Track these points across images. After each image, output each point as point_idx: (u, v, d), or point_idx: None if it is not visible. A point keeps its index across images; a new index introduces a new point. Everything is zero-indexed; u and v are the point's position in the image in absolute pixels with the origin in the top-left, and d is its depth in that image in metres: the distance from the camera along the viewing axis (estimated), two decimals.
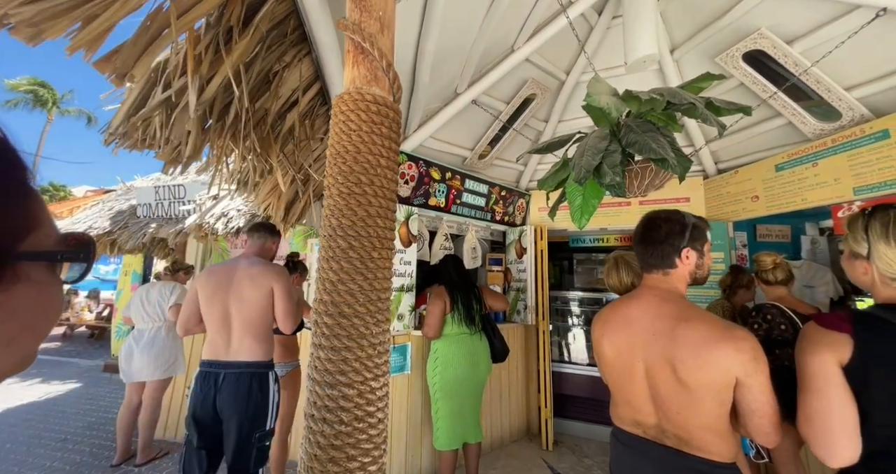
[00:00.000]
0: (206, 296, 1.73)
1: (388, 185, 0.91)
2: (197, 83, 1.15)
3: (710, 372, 0.87)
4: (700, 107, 1.56)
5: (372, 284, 0.85)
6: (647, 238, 1.07)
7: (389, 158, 0.92)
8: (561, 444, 3.09)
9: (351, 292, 0.82)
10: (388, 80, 0.95)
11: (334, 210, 0.86)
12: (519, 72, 2.68)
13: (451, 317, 2.33)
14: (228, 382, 1.65)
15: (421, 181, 2.82)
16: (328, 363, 0.79)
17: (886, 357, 0.77)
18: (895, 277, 0.82)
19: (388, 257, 0.90)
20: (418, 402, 2.61)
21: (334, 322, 0.81)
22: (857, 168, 2.11)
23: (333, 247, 0.85)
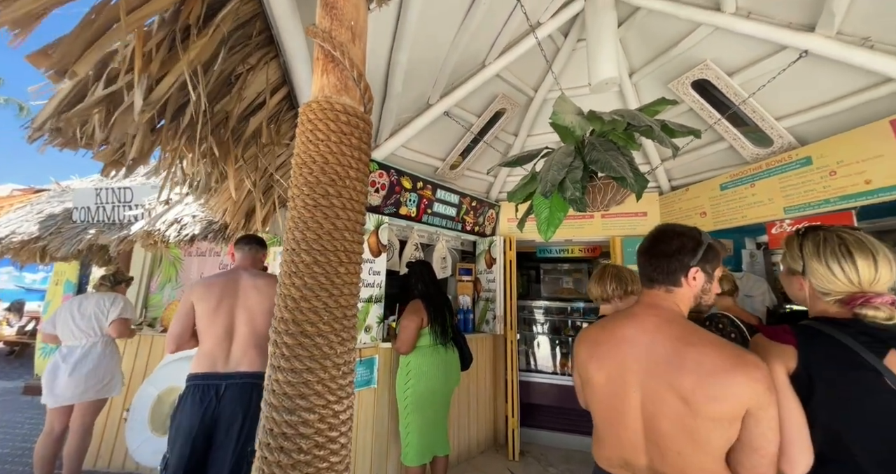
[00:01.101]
0: (209, 308, 1.68)
1: (357, 198, 0.88)
2: (145, 82, 1.06)
3: (723, 404, 0.76)
4: (656, 129, 1.67)
5: (338, 301, 0.81)
6: (656, 249, 0.95)
7: (359, 170, 0.89)
8: (527, 454, 3.11)
9: (315, 310, 0.77)
10: (359, 91, 0.93)
11: (298, 222, 0.81)
12: (490, 86, 2.74)
13: (428, 331, 2.29)
14: (232, 393, 1.61)
15: (392, 190, 2.79)
16: (287, 386, 0.74)
17: (822, 363, 0.82)
18: (826, 292, 0.90)
19: (355, 272, 0.86)
20: (385, 417, 2.53)
21: (295, 342, 0.76)
22: (786, 190, 2.35)
23: (297, 261, 0.80)
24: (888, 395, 0.74)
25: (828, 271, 0.88)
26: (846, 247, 0.87)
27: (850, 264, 0.85)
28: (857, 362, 0.77)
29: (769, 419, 0.77)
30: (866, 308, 0.81)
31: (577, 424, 3.29)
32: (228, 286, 1.75)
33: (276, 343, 0.77)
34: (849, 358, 0.79)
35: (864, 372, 0.77)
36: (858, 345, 0.78)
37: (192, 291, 1.73)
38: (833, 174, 2.12)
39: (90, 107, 1.09)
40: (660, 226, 1.01)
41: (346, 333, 0.82)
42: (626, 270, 1.79)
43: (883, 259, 0.85)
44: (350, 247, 0.85)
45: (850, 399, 0.78)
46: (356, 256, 0.87)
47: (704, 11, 2.08)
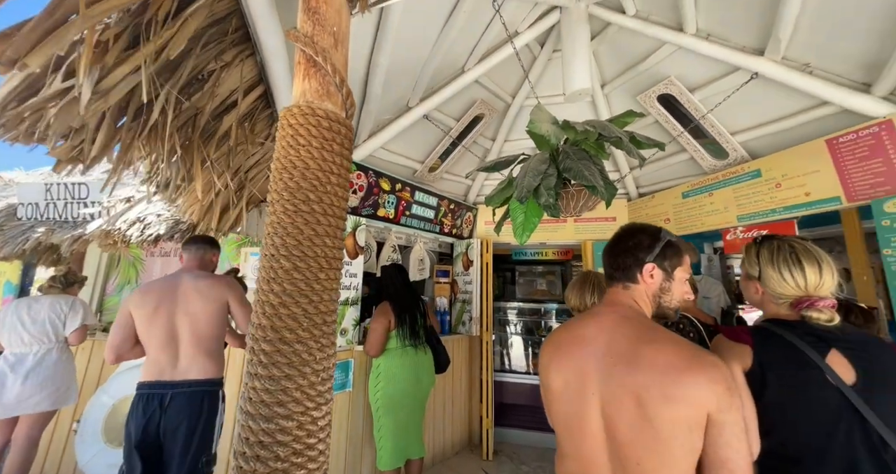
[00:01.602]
0: (145, 315, 1.61)
1: (338, 203, 0.88)
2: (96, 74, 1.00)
3: (680, 406, 0.70)
4: (625, 140, 1.76)
5: (317, 307, 0.81)
6: (616, 247, 0.96)
7: (340, 175, 0.89)
8: (500, 453, 3.17)
9: (294, 316, 0.77)
10: (341, 96, 0.93)
11: (278, 228, 0.81)
12: (469, 92, 2.79)
13: (396, 333, 2.29)
14: (178, 402, 1.56)
15: (370, 191, 2.77)
16: (265, 394, 0.73)
17: (774, 362, 0.90)
18: (778, 296, 0.99)
19: (335, 278, 0.86)
20: (360, 420, 2.50)
21: (274, 349, 0.75)
22: (739, 199, 2.54)
23: (276, 267, 0.79)
24: (830, 391, 0.82)
25: (780, 277, 0.96)
26: (796, 255, 0.96)
27: (799, 271, 0.94)
28: (804, 360, 0.85)
29: (732, 424, 0.69)
30: (811, 310, 0.89)
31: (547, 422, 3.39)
32: (167, 291, 1.68)
33: (253, 350, 0.76)
34: (797, 357, 0.86)
35: (809, 370, 0.84)
36: (804, 345, 0.86)
37: (130, 299, 1.67)
38: (779, 186, 2.32)
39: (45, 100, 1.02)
40: (623, 225, 1.00)
41: (325, 339, 0.82)
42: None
43: (826, 266, 0.95)
44: (330, 253, 0.85)
45: (798, 394, 0.85)
46: (336, 262, 0.87)
47: (669, 31, 2.22)
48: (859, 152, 1.97)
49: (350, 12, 1.05)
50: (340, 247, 0.90)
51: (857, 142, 1.97)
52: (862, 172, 1.96)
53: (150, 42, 1.02)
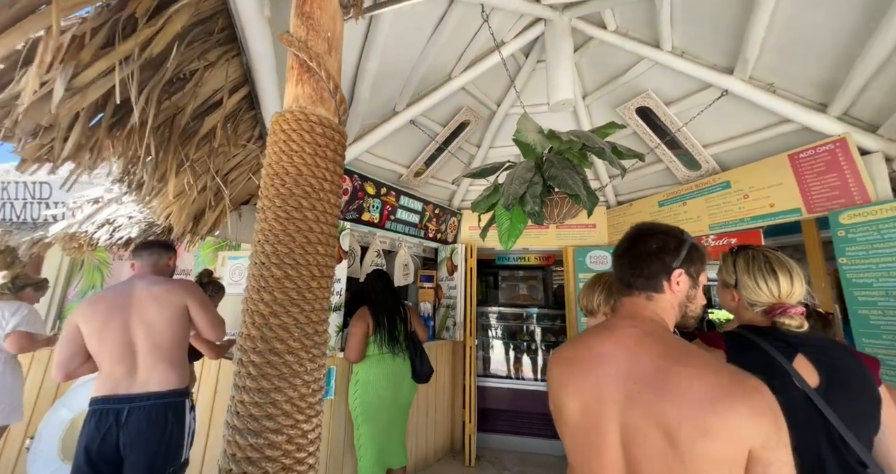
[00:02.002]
0: (95, 328, 1.51)
1: (331, 210, 0.87)
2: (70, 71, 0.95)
3: (718, 443, 0.59)
4: (608, 151, 1.83)
5: (309, 317, 0.79)
6: (634, 250, 0.83)
7: (333, 182, 0.88)
8: (483, 459, 3.18)
9: (285, 326, 0.75)
10: (335, 102, 0.93)
11: (269, 235, 0.79)
12: (455, 98, 2.82)
13: (374, 339, 2.27)
14: (137, 418, 1.47)
15: (355, 195, 2.74)
16: (254, 407, 0.71)
17: (746, 367, 0.96)
18: (753, 303, 1.05)
19: (327, 287, 0.85)
20: (341, 429, 2.45)
21: (263, 360, 0.73)
22: (711, 209, 2.68)
23: (267, 276, 0.77)
24: (797, 393, 0.87)
25: (755, 285, 1.03)
26: (770, 265, 1.03)
27: (773, 279, 1.00)
28: (773, 365, 0.90)
29: (781, 464, 0.59)
30: (784, 317, 0.94)
31: (530, 427, 3.43)
32: (118, 300, 1.58)
33: (241, 362, 0.74)
34: (767, 362, 0.92)
35: (778, 374, 0.88)
36: (774, 350, 0.92)
37: (76, 312, 1.56)
38: (746, 197, 2.47)
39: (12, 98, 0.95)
40: (638, 225, 0.88)
41: (316, 350, 0.80)
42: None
43: (797, 275, 1.02)
44: (323, 261, 0.84)
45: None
46: (329, 270, 0.86)
47: (646, 47, 2.33)
48: (817, 167, 2.12)
49: (343, 18, 1.05)
50: (333, 256, 0.88)
51: (815, 157, 2.13)
52: (820, 186, 2.11)
53: (131, 39, 0.98)
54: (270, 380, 0.72)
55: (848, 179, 2.01)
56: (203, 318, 1.69)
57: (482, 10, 1.99)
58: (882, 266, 1.81)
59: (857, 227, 1.92)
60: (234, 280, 2.67)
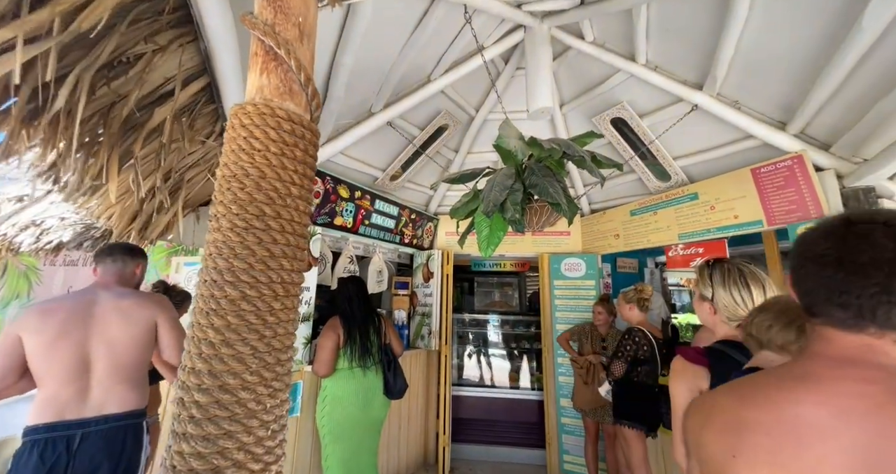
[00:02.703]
0: (44, 343, 1.30)
1: (300, 219, 0.76)
2: None
3: None
4: (588, 159, 1.82)
5: (270, 344, 0.67)
6: (860, 255, 0.48)
7: (303, 187, 0.77)
8: (456, 471, 3.08)
9: (240, 357, 0.63)
10: (306, 96, 0.82)
11: (223, 248, 0.66)
12: (434, 101, 2.74)
13: (344, 352, 2.12)
14: (91, 444, 1.29)
15: (327, 198, 2.58)
16: (196, 460, 0.57)
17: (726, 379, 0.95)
18: (731, 317, 1.05)
19: (293, 307, 0.73)
20: (307, 448, 2.27)
21: (211, 400, 0.60)
22: (680, 219, 2.77)
23: (218, 297, 0.65)
24: None
25: (731, 299, 1.03)
26: (744, 278, 1.03)
27: (747, 293, 1.01)
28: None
29: None
30: None
31: (505, 436, 3.37)
32: (77, 312, 1.39)
33: (182, 403, 0.60)
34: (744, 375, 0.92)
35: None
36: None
37: (22, 320, 1.34)
38: (713, 208, 2.56)
39: None
40: (843, 216, 0.52)
41: (278, 383, 0.68)
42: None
43: (770, 288, 1.02)
44: (288, 278, 0.72)
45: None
46: (295, 288, 0.74)
47: (622, 59, 2.38)
48: (777, 181, 2.23)
49: (318, 4, 0.94)
50: (301, 270, 0.77)
51: (775, 172, 2.24)
52: (780, 199, 2.22)
53: (45, 9, 0.81)
54: (219, 425, 0.59)
55: (804, 194, 2.12)
56: (171, 338, 1.53)
57: (465, 10, 1.93)
58: None
59: None
60: (191, 288, 2.43)
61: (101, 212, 1.60)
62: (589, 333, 2.81)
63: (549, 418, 3.17)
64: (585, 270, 3.28)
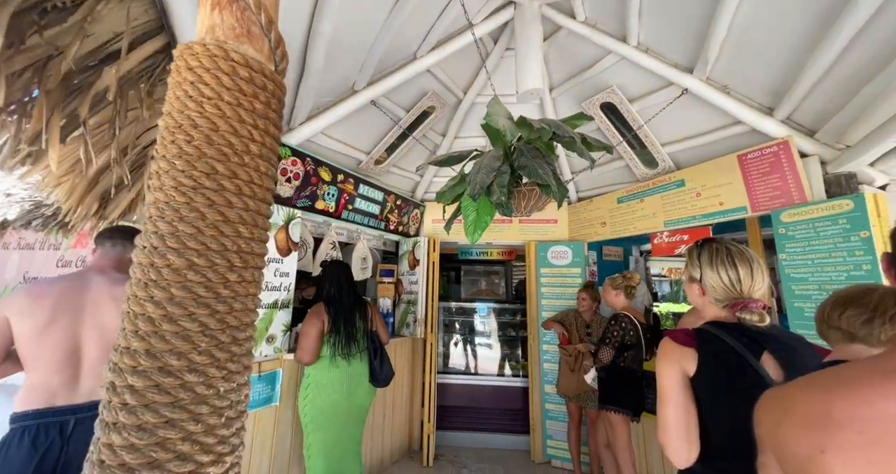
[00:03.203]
0: (35, 328, 1.23)
1: (261, 181, 0.66)
2: None
3: None
4: (578, 141, 1.75)
5: (224, 321, 0.58)
6: None
7: (265, 144, 0.67)
8: (441, 457, 3.06)
9: (185, 335, 0.54)
10: (269, 43, 0.71)
11: (165, 210, 0.56)
12: (421, 81, 2.62)
13: (328, 339, 2.03)
14: (86, 429, 1.25)
15: (307, 181, 2.45)
16: (129, 453, 0.49)
17: (715, 364, 0.92)
18: (719, 299, 1.01)
19: (253, 280, 0.64)
20: (287, 438, 2.19)
21: (149, 383, 0.51)
22: (666, 206, 2.75)
23: (160, 266, 0.55)
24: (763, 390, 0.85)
25: (718, 279, 0.99)
26: (731, 257, 0.99)
27: (734, 272, 0.97)
28: (742, 362, 0.87)
29: None
30: (745, 312, 0.92)
31: (489, 423, 3.37)
32: (69, 296, 1.31)
33: (113, 388, 0.51)
34: (736, 359, 0.88)
35: (746, 372, 0.86)
36: (741, 347, 0.88)
37: (10, 302, 1.25)
38: (699, 195, 2.55)
39: None
40: None
41: (234, 364, 0.59)
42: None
43: (758, 268, 0.98)
44: (247, 247, 0.63)
45: (737, 395, 0.86)
46: (256, 259, 0.65)
47: (613, 40, 2.31)
48: (762, 168, 2.23)
49: None
50: (262, 240, 0.68)
51: (760, 158, 2.23)
52: (764, 186, 2.22)
53: None
54: (159, 412, 0.51)
55: (788, 180, 2.12)
56: None
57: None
58: (817, 261, 1.93)
59: (796, 225, 2.03)
60: None
61: (48, 185, 1.45)
62: (574, 320, 2.80)
63: (533, 404, 3.17)
64: (572, 258, 3.26)
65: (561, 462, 2.97)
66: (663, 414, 0.92)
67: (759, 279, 0.96)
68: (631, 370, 2.18)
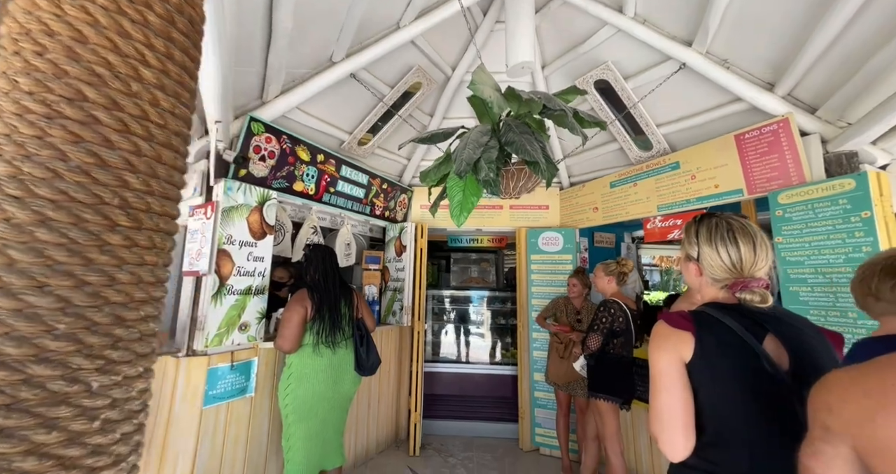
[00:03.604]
0: None
1: (165, 121, 0.51)
2: None
3: None
4: (569, 115, 1.60)
5: (102, 295, 0.43)
6: None
7: (167, 73, 0.51)
8: (428, 447, 2.97)
9: (31, 314, 0.39)
10: None
11: (1, 144, 0.41)
12: (405, 55, 2.43)
13: (312, 325, 1.90)
14: None
15: (284, 160, 2.28)
16: None
17: (715, 348, 0.81)
18: (717, 279, 0.89)
19: (153, 246, 0.49)
20: (263, 430, 2.07)
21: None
22: (660, 190, 2.63)
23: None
24: (766, 377, 0.75)
25: (717, 257, 0.87)
26: (732, 232, 0.87)
27: (735, 249, 0.85)
28: (744, 346, 0.77)
29: None
30: (745, 292, 0.82)
31: (477, 411, 3.29)
32: None
33: None
34: (737, 343, 0.78)
35: (747, 356, 0.76)
36: (743, 330, 0.78)
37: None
38: (693, 178, 2.43)
39: None
40: None
41: (119, 351, 0.45)
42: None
43: (762, 245, 0.87)
44: (139, 203, 0.48)
45: (737, 381, 0.77)
46: (160, 221, 0.50)
47: (609, 10, 2.14)
48: (760, 148, 2.10)
49: None
50: (171, 197, 0.52)
51: (759, 138, 2.10)
52: (762, 167, 2.10)
53: None
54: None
55: (787, 160, 2.00)
56: None
57: None
58: (814, 244, 1.82)
59: (794, 207, 1.92)
60: None
61: None
62: (563, 307, 2.70)
63: (522, 392, 3.09)
64: (563, 245, 3.14)
65: (549, 450, 2.91)
66: (657, 404, 0.82)
67: (763, 256, 0.85)
68: (620, 357, 2.08)
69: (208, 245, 1.86)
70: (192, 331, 1.83)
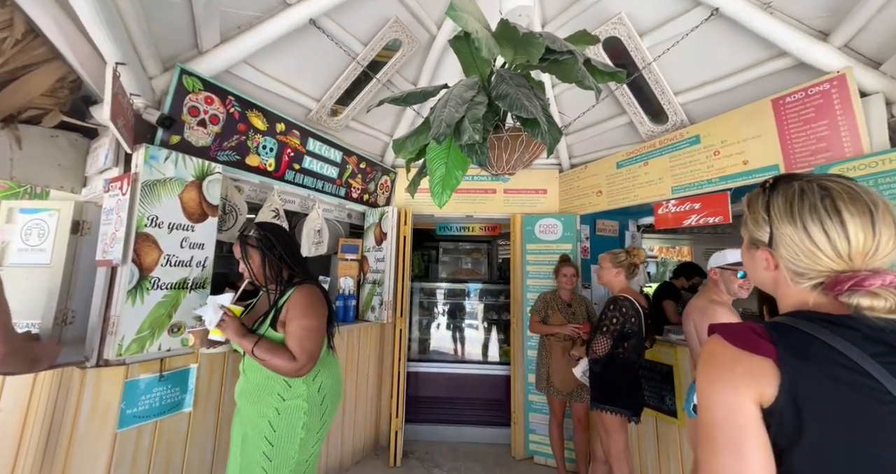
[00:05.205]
0: None
1: None
2: None
3: None
4: (580, 60, 1.18)
5: None
6: None
7: None
8: (411, 455, 2.60)
9: None
10: None
11: None
12: (380, 4, 1.98)
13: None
14: None
15: (232, 127, 1.84)
16: None
17: (818, 390, 0.46)
18: (802, 272, 0.53)
19: None
20: (205, 453, 1.67)
21: None
22: (675, 169, 2.23)
23: None
24: None
25: (806, 238, 0.52)
26: (832, 200, 0.52)
27: (839, 226, 0.50)
28: (872, 388, 0.44)
29: None
30: (860, 295, 0.47)
31: (465, 415, 2.92)
32: None
33: None
34: (859, 382, 0.45)
35: (878, 402, 0.44)
36: (869, 361, 0.45)
37: None
38: (717, 154, 2.02)
39: None
40: None
41: None
42: None
43: (884, 215, 0.50)
44: None
45: (862, 446, 0.44)
46: None
47: None
48: (805, 114, 1.69)
49: None
50: None
51: (805, 101, 1.69)
52: (805, 137, 1.69)
53: None
54: None
55: (840, 127, 1.60)
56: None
57: None
58: None
59: None
60: (30, 244, 1.68)
61: None
62: (553, 303, 2.32)
63: (515, 394, 2.72)
64: (562, 233, 2.75)
65: (545, 458, 2.55)
66: (713, 468, 0.48)
67: (888, 234, 0.50)
68: (630, 362, 1.71)
69: (122, 227, 1.44)
70: (103, 335, 1.41)
